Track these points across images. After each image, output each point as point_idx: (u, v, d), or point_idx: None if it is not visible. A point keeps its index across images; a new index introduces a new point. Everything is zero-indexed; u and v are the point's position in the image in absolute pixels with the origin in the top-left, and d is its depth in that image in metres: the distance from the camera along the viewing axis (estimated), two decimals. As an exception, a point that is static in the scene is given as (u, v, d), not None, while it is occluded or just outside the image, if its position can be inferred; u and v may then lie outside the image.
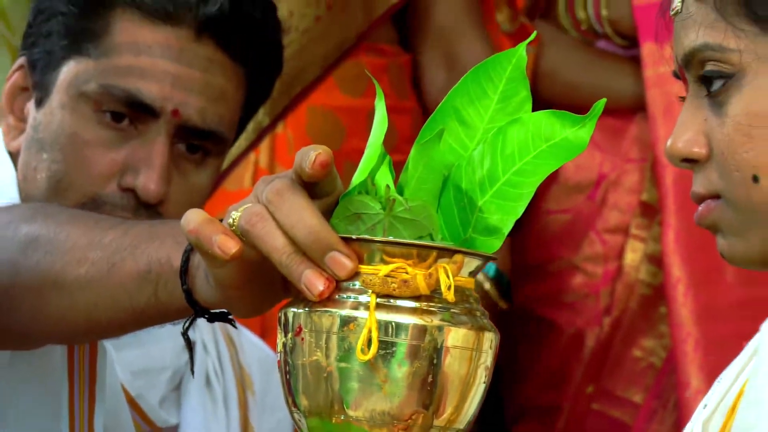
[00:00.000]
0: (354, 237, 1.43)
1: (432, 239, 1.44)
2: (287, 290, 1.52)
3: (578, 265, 3.23)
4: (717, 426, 1.74)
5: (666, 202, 3.11)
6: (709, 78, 1.68)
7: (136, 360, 2.26)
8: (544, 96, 3.23)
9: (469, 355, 1.45)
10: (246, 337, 2.44)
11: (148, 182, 2.07)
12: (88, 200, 2.10)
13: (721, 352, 2.90)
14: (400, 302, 1.40)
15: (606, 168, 3.24)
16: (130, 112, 2.10)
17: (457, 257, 1.43)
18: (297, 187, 1.46)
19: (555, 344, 3.26)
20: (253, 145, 2.93)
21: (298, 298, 1.45)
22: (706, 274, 3.04)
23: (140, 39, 2.11)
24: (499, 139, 1.52)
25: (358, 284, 1.41)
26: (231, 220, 1.47)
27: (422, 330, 1.41)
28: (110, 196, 2.10)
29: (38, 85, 2.15)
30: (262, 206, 1.47)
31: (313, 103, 3.01)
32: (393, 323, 1.40)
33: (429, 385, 1.43)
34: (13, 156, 2.18)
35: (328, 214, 1.46)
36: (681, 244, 3.07)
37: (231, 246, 1.45)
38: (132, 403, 2.23)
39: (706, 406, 1.80)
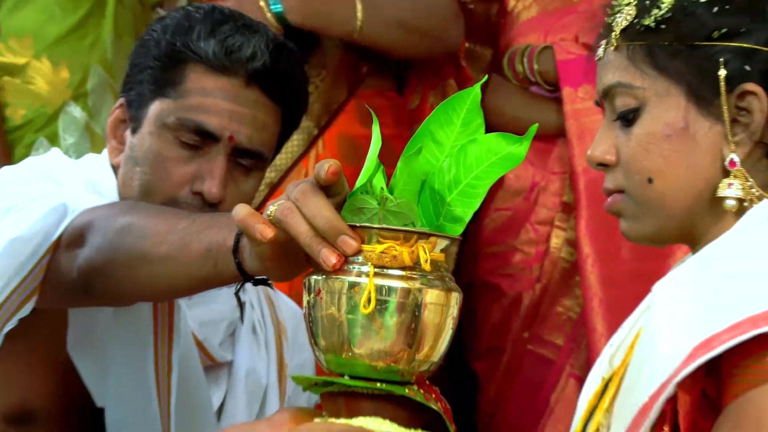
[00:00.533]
0: (357, 225, 1.49)
1: (414, 226, 1.50)
2: (309, 263, 1.55)
3: (517, 248, 3.21)
4: (620, 359, 1.72)
5: (579, 202, 3.12)
6: (622, 108, 1.71)
7: (202, 314, 2.28)
8: (493, 124, 3.19)
9: (441, 309, 1.50)
10: (281, 298, 2.45)
11: (211, 187, 2.08)
12: (168, 201, 2.10)
13: (618, 308, 2.88)
14: (391, 271, 1.47)
15: (537, 178, 3.22)
16: (198, 138, 2.09)
17: (432, 239, 1.50)
18: (316, 188, 1.51)
19: (501, 303, 3.24)
20: (300, 159, 2.90)
21: (317, 268, 1.51)
22: (607, 253, 3.05)
23: (206, 86, 2.10)
24: (462, 153, 1.56)
25: (360, 259, 1.48)
26: (269, 212, 1.52)
27: (407, 291, 1.47)
28: (184, 198, 2.10)
29: (133, 119, 2.15)
30: (291, 202, 1.51)
31: (342, 132, 2.99)
32: (386, 286, 1.46)
33: (412, 331, 1.48)
34: (115, 169, 2.17)
35: (338, 207, 1.51)
36: (589, 231, 3.07)
37: (268, 232, 1.51)
38: (199, 344, 2.27)
39: (611, 345, 1.77)
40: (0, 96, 3.00)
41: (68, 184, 2.10)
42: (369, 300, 1.47)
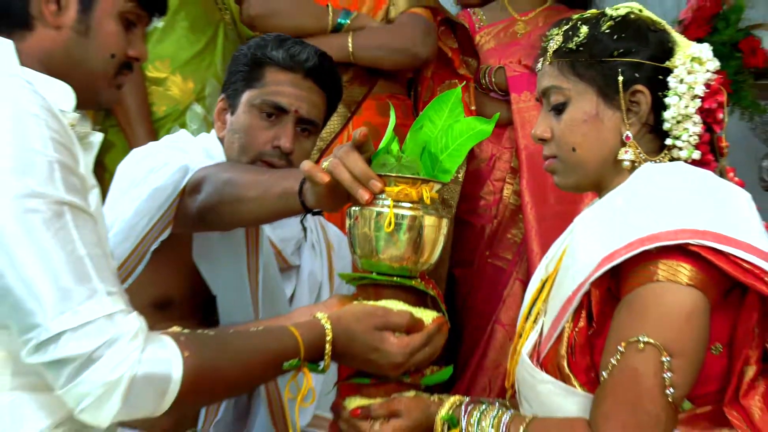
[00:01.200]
0: (382, 174, 1.54)
1: (418, 175, 1.57)
2: (350, 199, 1.57)
3: (482, 196, 3.20)
4: (552, 266, 1.75)
5: (521, 167, 3.11)
6: (555, 103, 1.68)
7: (281, 234, 2.31)
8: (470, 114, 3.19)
9: (436, 230, 1.56)
10: (329, 226, 2.45)
11: (285, 143, 2.08)
12: (257, 155, 2.09)
13: (547, 236, 2.86)
14: (403, 204, 1.53)
15: (494, 151, 3.20)
16: (275, 112, 2.09)
17: (430, 183, 1.58)
18: (353, 149, 1.54)
19: (472, 232, 3.21)
20: (338, 135, 2.91)
21: (355, 203, 1.57)
22: (539, 199, 3.04)
23: (278, 79, 2.09)
24: (450, 129, 1.61)
25: (383, 196, 1.53)
26: (324, 165, 1.56)
27: (414, 218, 1.54)
28: (268, 152, 2.09)
29: (231, 105, 2.14)
30: (338, 159, 1.54)
31: (367, 120, 2.91)
32: (401, 214, 1.53)
33: (417, 243, 1.55)
34: (221, 140, 2.16)
35: (367, 161, 1.55)
36: (528, 186, 3.08)
37: (324, 177, 1.54)
38: (278, 253, 2.30)
39: (546, 258, 1.79)
40: (149, 98, 2.99)
41: (191, 151, 2.07)
42: (390, 223, 1.51)
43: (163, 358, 1.31)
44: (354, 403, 1.61)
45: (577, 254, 1.59)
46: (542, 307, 1.66)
